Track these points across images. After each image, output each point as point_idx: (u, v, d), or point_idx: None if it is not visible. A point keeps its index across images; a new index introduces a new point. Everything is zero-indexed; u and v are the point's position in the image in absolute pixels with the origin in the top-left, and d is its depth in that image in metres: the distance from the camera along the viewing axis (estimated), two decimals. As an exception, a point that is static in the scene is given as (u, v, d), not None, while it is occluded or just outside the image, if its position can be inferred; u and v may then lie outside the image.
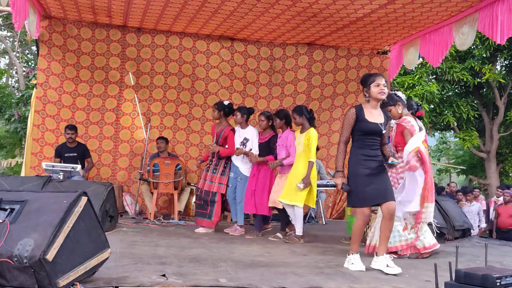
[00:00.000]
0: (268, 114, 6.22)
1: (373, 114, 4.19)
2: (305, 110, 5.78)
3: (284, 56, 8.73)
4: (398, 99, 5.06)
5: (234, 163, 6.26)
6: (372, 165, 4.12)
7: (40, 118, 7.77)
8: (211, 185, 6.25)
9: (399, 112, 5.03)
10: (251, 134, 6.23)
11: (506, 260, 5.02)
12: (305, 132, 5.68)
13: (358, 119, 4.13)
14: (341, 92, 8.76)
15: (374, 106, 4.21)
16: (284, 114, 6.03)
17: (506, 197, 9.03)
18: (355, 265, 4.08)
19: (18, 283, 2.75)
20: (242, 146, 6.19)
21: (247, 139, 6.22)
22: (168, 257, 4.22)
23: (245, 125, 6.30)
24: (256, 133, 6.27)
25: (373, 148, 4.19)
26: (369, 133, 4.15)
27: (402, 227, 4.86)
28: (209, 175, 6.29)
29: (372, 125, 4.14)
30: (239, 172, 6.20)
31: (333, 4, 6.45)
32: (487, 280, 2.81)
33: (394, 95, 5.10)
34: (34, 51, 19.64)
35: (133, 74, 8.21)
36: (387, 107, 5.00)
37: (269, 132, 6.17)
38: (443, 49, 6.90)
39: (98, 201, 5.48)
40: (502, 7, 5.56)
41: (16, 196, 3.08)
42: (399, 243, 4.86)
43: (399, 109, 5.03)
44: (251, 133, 6.24)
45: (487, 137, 15.54)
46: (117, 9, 7.16)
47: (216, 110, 6.38)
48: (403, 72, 12.92)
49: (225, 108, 6.36)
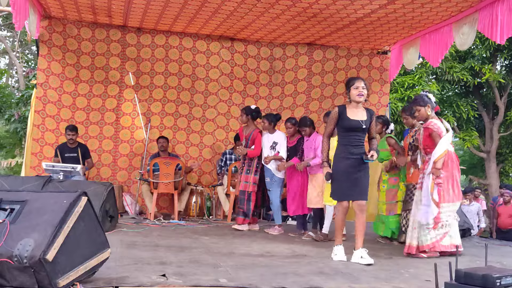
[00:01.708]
0: (294, 121, 6.52)
1: (354, 113, 4.60)
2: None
3: (284, 56, 8.73)
4: (428, 101, 5.10)
5: (266, 167, 6.51)
6: (352, 163, 4.52)
7: (40, 118, 7.77)
8: (246, 185, 6.56)
9: (428, 113, 5.08)
10: (280, 138, 6.57)
11: (506, 260, 5.02)
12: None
13: (341, 117, 4.59)
14: (341, 92, 8.75)
15: (356, 106, 4.63)
16: (311, 121, 6.39)
17: (506, 197, 9.02)
18: (338, 255, 4.52)
19: (18, 283, 2.75)
20: (272, 150, 6.52)
21: (276, 143, 6.54)
22: (168, 257, 4.22)
23: (273, 131, 6.64)
24: (285, 137, 6.60)
25: (356, 145, 4.58)
26: (350, 129, 4.57)
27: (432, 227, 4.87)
28: (243, 176, 6.62)
29: (353, 122, 4.55)
30: (272, 175, 6.48)
31: (333, 4, 6.46)
32: (487, 280, 2.81)
33: (425, 96, 5.16)
34: (34, 51, 19.64)
35: (133, 74, 8.21)
36: (417, 106, 5.11)
37: (296, 136, 6.49)
38: (443, 49, 6.91)
39: (98, 201, 5.48)
40: (502, 7, 5.56)
41: (16, 196, 3.08)
42: (428, 242, 4.88)
43: (428, 110, 5.08)
44: (279, 137, 6.58)
45: (487, 137, 15.53)
46: (117, 9, 7.16)
47: (244, 114, 6.75)
48: (403, 72, 12.90)
49: (252, 112, 6.72)
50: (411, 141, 5.74)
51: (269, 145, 6.57)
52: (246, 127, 6.78)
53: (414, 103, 5.17)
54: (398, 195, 5.85)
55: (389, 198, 5.90)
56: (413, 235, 4.94)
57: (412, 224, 4.99)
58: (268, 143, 6.58)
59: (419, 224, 4.91)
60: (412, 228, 4.98)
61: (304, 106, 8.76)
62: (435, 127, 4.94)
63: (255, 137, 6.60)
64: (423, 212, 4.87)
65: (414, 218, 5.00)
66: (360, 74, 8.65)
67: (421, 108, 5.08)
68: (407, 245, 5.00)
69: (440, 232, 4.87)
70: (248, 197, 6.52)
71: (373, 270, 4.12)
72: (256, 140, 6.59)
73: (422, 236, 4.88)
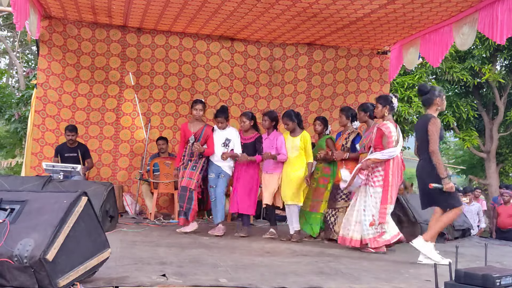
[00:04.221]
0: (251, 114, 6.27)
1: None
2: (294, 115, 6.05)
3: (284, 56, 8.73)
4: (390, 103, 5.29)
5: (215, 163, 6.18)
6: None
7: (40, 118, 7.77)
8: (189, 181, 6.07)
9: (385, 114, 5.28)
10: (233, 134, 6.22)
11: (506, 260, 5.03)
12: (299, 136, 5.97)
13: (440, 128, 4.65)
14: (341, 92, 8.76)
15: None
16: (275, 116, 6.22)
17: (505, 197, 9.02)
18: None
19: (18, 283, 2.75)
20: (224, 147, 6.17)
21: (229, 140, 6.19)
22: (168, 257, 4.23)
23: (224, 126, 6.26)
24: (238, 133, 6.28)
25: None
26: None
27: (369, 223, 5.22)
28: (188, 172, 6.12)
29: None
30: (221, 172, 6.15)
31: (333, 4, 6.46)
32: (487, 280, 2.81)
33: (390, 97, 5.36)
34: (34, 51, 19.63)
35: (133, 74, 8.21)
36: (377, 103, 5.31)
37: (253, 133, 6.22)
38: (443, 49, 6.91)
39: (98, 201, 5.48)
40: (502, 7, 5.56)
41: (16, 196, 3.08)
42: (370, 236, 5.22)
43: (386, 111, 5.28)
44: (232, 134, 6.23)
45: (487, 137, 15.53)
46: (117, 9, 7.16)
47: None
48: (403, 72, 12.89)
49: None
50: (344, 142, 5.95)
51: (221, 142, 6.17)
52: (194, 123, 6.29)
53: (378, 99, 5.39)
54: (325, 195, 6.05)
55: (315, 196, 6.10)
56: (355, 228, 5.26)
57: (356, 219, 5.28)
58: (220, 140, 6.18)
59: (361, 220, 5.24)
60: (355, 222, 5.26)
61: (304, 106, 8.76)
62: (387, 130, 5.17)
63: (208, 134, 6.21)
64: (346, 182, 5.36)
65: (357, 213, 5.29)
66: (360, 74, 8.66)
67: (380, 106, 5.29)
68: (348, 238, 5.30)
69: (379, 230, 5.16)
70: (190, 195, 6.01)
71: (373, 270, 4.12)
72: (209, 138, 6.19)
73: (364, 231, 5.20)
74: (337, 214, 5.82)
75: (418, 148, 4.86)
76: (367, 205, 5.22)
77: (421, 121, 4.89)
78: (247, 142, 6.18)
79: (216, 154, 6.15)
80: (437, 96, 4.74)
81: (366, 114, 5.76)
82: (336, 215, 5.84)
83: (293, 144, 5.95)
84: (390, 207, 5.14)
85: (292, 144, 5.96)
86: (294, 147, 5.94)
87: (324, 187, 6.07)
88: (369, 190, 5.22)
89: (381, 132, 5.18)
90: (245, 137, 6.23)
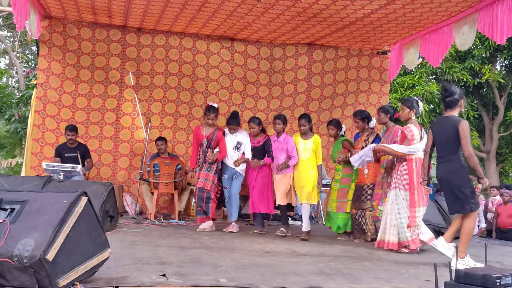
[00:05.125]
0: (258, 120, 6.49)
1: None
2: (310, 118, 6.31)
3: (284, 56, 8.73)
4: (416, 107, 5.35)
5: (229, 166, 6.41)
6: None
7: (40, 118, 7.77)
8: (205, 182, 6.34)
9: (411, 117, 5.35)
10: (244, 138, 6.46)
11: (506, 260, 5.03)
12: (311, 138, 6.20)
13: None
14: (341, 92, 8.76)
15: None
16: (286, 119, 6.46)
17: (505, 197, 9.02)
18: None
19: (18, 283, 2.75)
20: (236, 150, 6.41)
21: (240, 143, 6.42)
22: (168, 257, 4.22)
23: (236, 130, 6.48)
24: (248, 136, 6.50)
25: None
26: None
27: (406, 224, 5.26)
28: (203, 173, 6.37)
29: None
30: (234, 172, 6.40)
31: (333, 5, 6.46)
32: (487, 280, 2.81)
33: (416, 102, 5.40)
34: (34, 51, 19.64)
35: (133, 74, 8.21)
36: (404, 106, 5.33)
37: (261, 136, 6.45)
38: (443, 49, 6.92)
39: (98, 201, 5.47)
40: (502, 7, 5.57)
41: (16, 196, 3.08)
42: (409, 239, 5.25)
43: (412, 115, 5.34)
44: (243, 137, 6.47)
45: (487, 137, 15.55)
46: (117, 9, 7.16)
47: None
48: (403, 72, 12.91)
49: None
50: (363, 144, 6.01)
51: (233, 145, 6.40)
52: (206, 127, 6.49)
53: (404, 102, 5.39)
54: (349, 195, 6.14)
55: (340, 196, 6.18)
56: (391, 231, 5.29)
57: (390, 222, 5.31)
58: (232, 143, 6.41)
59: (397, 223, 5.26)
60: (390, 225, 5.30)
61: (304, 106, 8.76)
62: (410, 134, 5.23)
63: (219, 138, 6.40)
64: (357, 157, 5.60)
65: (391, 216, 5.33)
66: (360, 74, 8.66)
67: (407, 109, 5.31)
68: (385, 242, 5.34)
69: (416, 232, 5.19)
70: (207, 195, 6.29)
71: (373, 270, 4.12)
72: (220, 141, 6.40)
73: (401, 234, 5.25)
74: (365, 214, 5.95)
75: (440, 150, 4.67)
76: (400, 207, 5.26)
77: (444, 122, 4.66)
78: (257, 146, 6.44)
79: (228, 157, 6.39)
80: (462, 98, 4.62)
81: (387, 116, 5.88)
82: (364, 216, 5.96)
83: (306, 147, 6.16)
84: (419, 210, 5.16)
85: (304, 146, 6.17)
86: (307, 149, 6.14)
87: (347, 187, 6.17)
88: (400, 194, 5.26)
89: (404, 135, 5.27)
90: (255, 140, 6.49)
